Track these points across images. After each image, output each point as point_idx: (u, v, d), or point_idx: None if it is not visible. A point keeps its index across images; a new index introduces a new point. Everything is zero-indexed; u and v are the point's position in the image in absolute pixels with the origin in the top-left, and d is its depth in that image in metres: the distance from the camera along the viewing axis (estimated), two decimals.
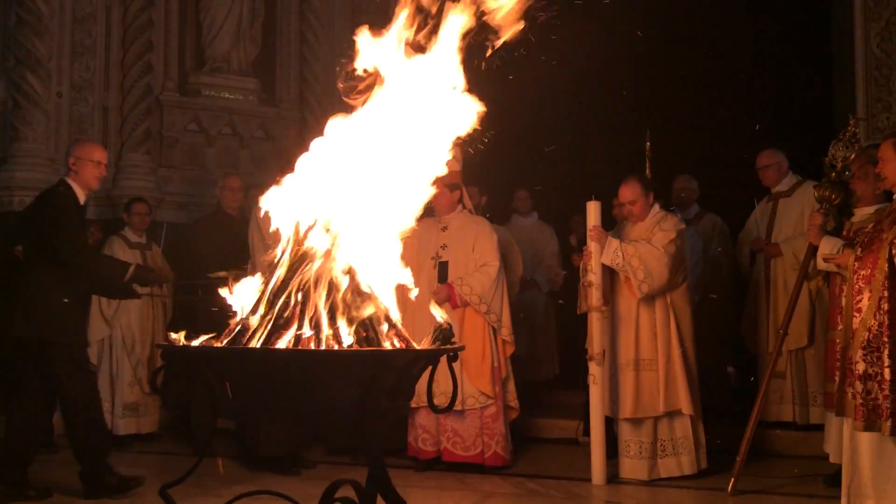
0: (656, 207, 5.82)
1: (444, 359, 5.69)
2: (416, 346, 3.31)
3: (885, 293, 4.12)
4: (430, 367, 3.31)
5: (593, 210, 5.63)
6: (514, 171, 8.93)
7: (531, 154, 8.94)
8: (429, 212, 5.75)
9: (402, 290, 3.42)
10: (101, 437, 5.25)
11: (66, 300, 5.04)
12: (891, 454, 4.18)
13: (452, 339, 3.40)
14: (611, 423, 5.69)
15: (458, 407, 5.83)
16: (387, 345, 3.23)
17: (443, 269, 6.08)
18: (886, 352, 4.06)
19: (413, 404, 5.61)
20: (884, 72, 7.08)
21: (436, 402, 5.94)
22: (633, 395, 5.55)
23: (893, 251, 4.17)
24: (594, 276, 5.58)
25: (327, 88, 8.54)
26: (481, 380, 5.96)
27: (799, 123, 8.16)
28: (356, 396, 3.00)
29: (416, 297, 3.44)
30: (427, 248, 6.10)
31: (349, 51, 3.50)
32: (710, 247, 7.12)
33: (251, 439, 5.92)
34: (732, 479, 5.20)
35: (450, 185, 6.00)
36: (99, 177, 5.29)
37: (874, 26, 7.11)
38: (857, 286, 4.28)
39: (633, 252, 5.52)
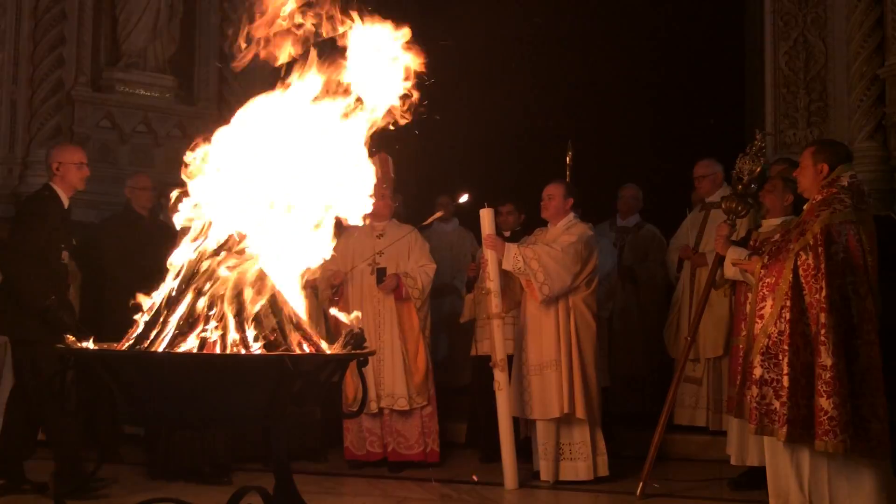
0: (571, 216, 5.89)
1: (392, 362, 5.77)
2: (325, 350, 3.28)
3: (788, 302, 4.25)
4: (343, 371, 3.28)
5: (486, 218, 5.67)
6: (434, 177, 8.94)
7: (450, 159, 8.99)
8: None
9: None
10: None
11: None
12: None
13: (364, 344, 3.38)
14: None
15: (405, 407, 6.08)
16: (296, 350, 3.19)
17: (381, 275, 6.21)
18: (785, 360, 4.19)
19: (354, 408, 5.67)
20: (791, 89, 7.32)
21: (381, 404, 6.06)
22: (539, 397, 5.63)
23: (799, 262, 4.31)
24: (492, 284, 5.64)
25: (246, 87, 8.38)
26: (426, 376, 6.16)
27: (711, 137, 8.38)
28: (262, 402, 2.95)
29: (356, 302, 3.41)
30: (362, 254, 6.20)
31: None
32: (647, 257, 7.24)
33: (161, 448, 5.72)
34: (641, 483, 5.30)
35: (389, 192, 6.20)
36: (84, 178, 5.42)
37: (783, 45, 7.35)
38: (761, 293, 4.41)
39: (532, 255, 5.58)
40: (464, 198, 5.55)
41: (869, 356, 4.24)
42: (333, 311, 3.42)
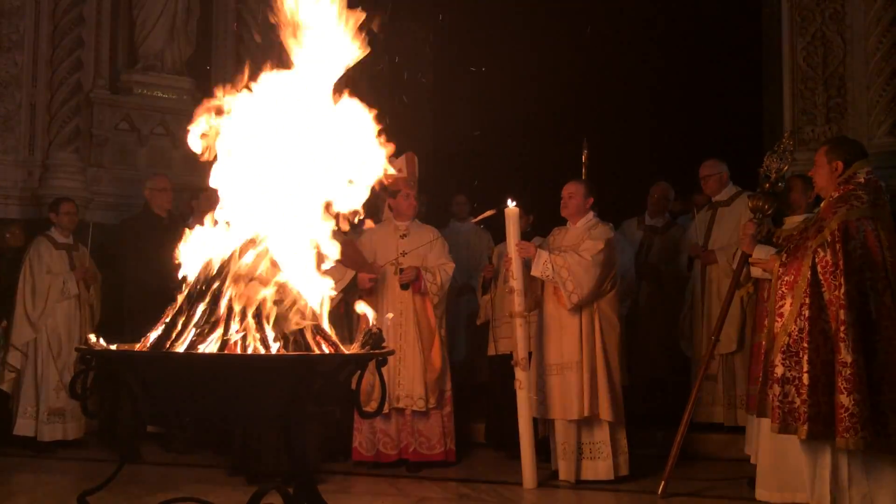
0: (591, 214, 5.89)
1: (413, 362, 5.66)
2: (344, 350, 3.29)
3: (807, 300, 4.23)
4: (358, 372, 3.29)
5: (512, 218, 5.63)
6: (453, 176, 8.97)
7: (471, 159, 9.01)
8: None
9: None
10: None
11: None
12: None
13: (383, 344, 3.39)
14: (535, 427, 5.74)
15: (423, 408, 6.08)
16: (315, 350, 3.20)
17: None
18: (805, 357, 4.17)
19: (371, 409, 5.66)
20: (809, 85, 7.26)
21: (401, 404, 6.04)
22: (559, 397, 5.62)
23: (817, 259, 4.28)
24: (515, 283, 5.63)
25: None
26: (440, 375, 6.16)
27: (729, 135, 8.35)
28: (282, 401, 2.96)
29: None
30: (386, 253, 6.22)
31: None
32: (675, 256, 7.19)
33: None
34: (663, 483, 5.28)
35: (414, 192, 6.24)
36: None
37: (800, 41, 7.29)
38: (780, 291, 4.39)
39: (563, 264, 5.59)
40: (511, 203, 5.56)
41: (887, 352, 4.20)
42: (362, 308, 3.41)
